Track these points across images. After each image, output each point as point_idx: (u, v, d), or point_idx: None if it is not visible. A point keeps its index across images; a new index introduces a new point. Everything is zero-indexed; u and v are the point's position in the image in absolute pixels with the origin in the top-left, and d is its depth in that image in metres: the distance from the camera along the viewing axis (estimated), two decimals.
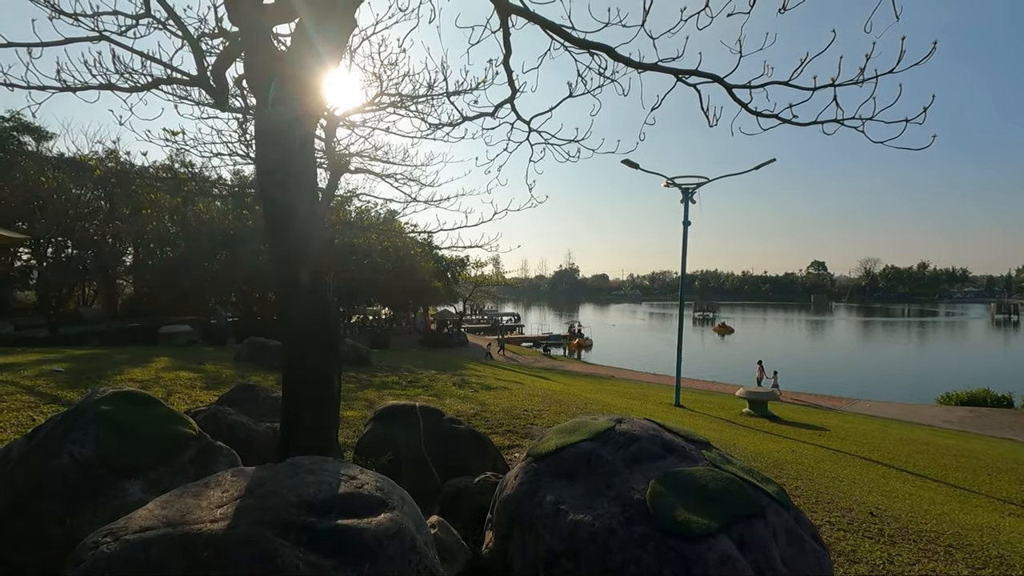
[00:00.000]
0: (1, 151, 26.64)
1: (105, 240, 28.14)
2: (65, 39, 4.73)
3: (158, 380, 8.01)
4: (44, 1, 5.63)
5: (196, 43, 4.94)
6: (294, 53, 3.11)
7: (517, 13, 4.90)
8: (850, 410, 20.51)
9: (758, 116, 5.45)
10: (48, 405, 5.79)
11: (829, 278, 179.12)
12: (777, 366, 25.77)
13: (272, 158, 3.06)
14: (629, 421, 3.06)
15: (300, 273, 3.15)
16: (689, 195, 15.44)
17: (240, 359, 11.54)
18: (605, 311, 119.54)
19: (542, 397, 10.18)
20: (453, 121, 7.58)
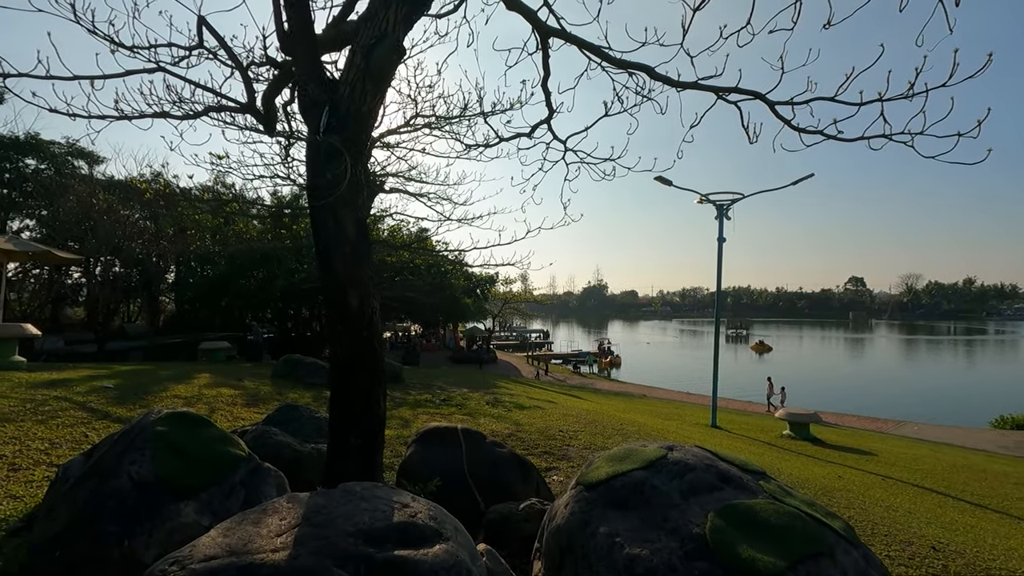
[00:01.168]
0: (58, 175, 28.10)
1: (150, 259, 29.29)
2: (125, 71, 4.97)
3: (201, 397, 8.20)
4: (105, 35, 5.94)
5: (245, 72, 5.12)
6: (345, 81, 3.19)
7: (556, 36, 4.93)
8: (897, 433, 19.63)
9: (802, 132, 5.34)
10: (99, 421, 5.97)
11: (868, 294, 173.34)
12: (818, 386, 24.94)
13: (322, 185, 3.12)
14: (681, 449, 2.97)
15: (349, 297, 3.18)
16: (724, 212, 15.20)
17: (277, 376, 11.75)
18: (635, 328, 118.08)
19: (576, 417, 10.04)
20: (489, 142, 7.66)
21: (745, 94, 5.47)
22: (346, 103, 3.16)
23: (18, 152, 27.86)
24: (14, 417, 5.69)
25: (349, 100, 3.15)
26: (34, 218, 28.87)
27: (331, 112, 3.13)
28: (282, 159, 9.50)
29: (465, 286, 31.78)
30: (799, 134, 5.37)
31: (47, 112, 5.43)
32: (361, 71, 3.13)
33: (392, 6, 3.15)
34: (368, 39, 3.12)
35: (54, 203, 26.57)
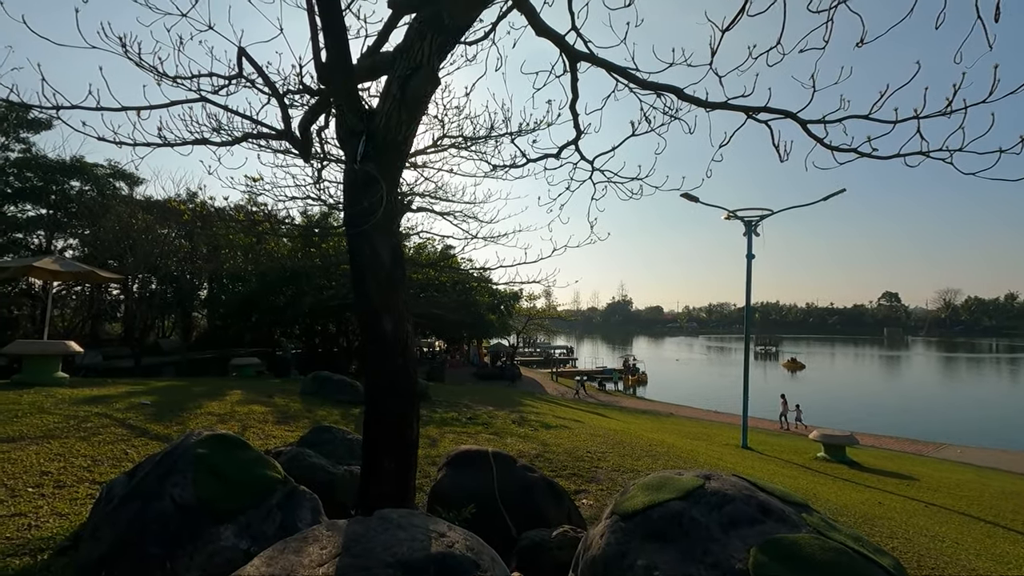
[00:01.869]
0: (100, 196, 29.30)
1: (184, 276, 30.20)
2: (170, 101, 5.18)
3: (234, 414, 8.36)
4: (151, 67, 6.22)
5: (282, 100, 5.29)
6: (381, 111, 3.27)
7: (585, 60, 4.98)
8: (938, 456, 18.84)
9: (835, 151, 5.27)
10: (138, 438, 6.13)
11: (903, 310, 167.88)
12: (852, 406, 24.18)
13: (359, 213, 3.18)
14: (719, 478, 2.91)
15: (383, 322, 3.22)
16: (752, 228, 14.98)
17: (306, 393, 11.91)
18: (660, 344, 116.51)
19: (604, 438, 9.91)
20: (516, 162, 7.73)
21: (776, 113, 5.43)
22: (382, 132, 3.23)
23: (64, 175, 29.16)
24: (59, 433, 5.88)
25: (385, 129, 3.23)
26: (77, 237, 30.07)
27: (368, 141, 3.21)
28: (314, 181, 9.76)
29: (489, 302, 31.87)
30: (832, 152, 5.31)
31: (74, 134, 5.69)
32: (397, 100, 3.20)
33: (427, 37, 3.23)
34: (404, 69, 3.20)
35: (96, 223, 27.67)
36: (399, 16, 3.96)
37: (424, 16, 3.26)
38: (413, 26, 3.28)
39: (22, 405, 7.09)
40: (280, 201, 11.72)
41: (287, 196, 10.28)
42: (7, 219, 27.83)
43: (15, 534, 3.42)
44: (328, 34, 3.28)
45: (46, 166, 28.43)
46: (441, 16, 3.23)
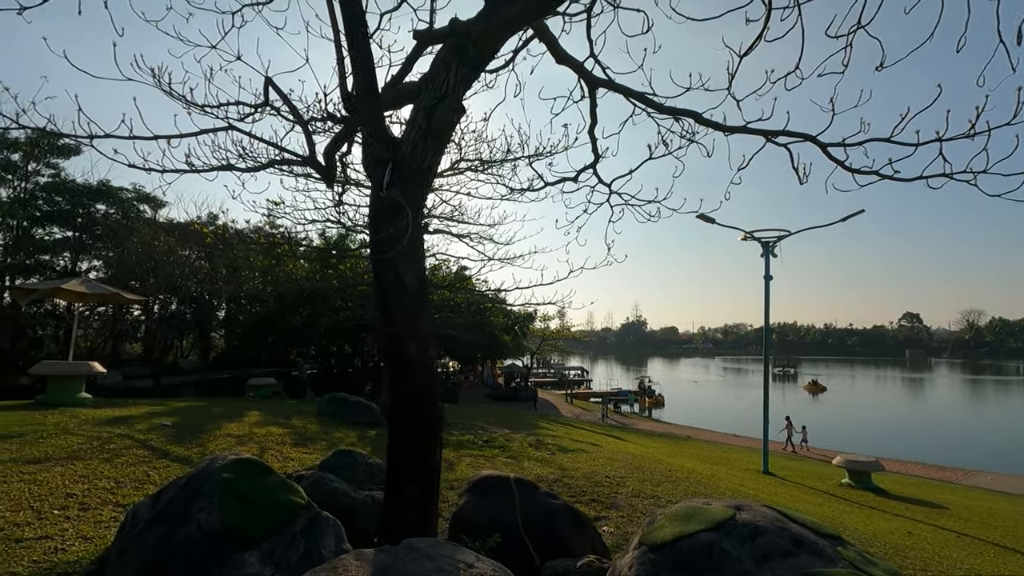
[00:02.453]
0: (124, 219, 30.04)
1: (203, 297, 30.69)
2: (200, 130, 5.34)
3: (252, 436, 8.39)
4: (180, 96, 6.42)
5: (307, 127, 5.42)
6: (407, 139, 3.33)
7: (604, 86, 5.04)
8: (967, 483, 18.22)
9: (856, 173, 5.25)
10: (160, 460, 6.17)
11: (925, 331, 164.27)
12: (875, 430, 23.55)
13: (384, 240, 3.23)
14: (749, 508, 2.84)
15: (407, 347, 3.24)
16: (770, 249, 14.87)
17: (323, 414, 11.93)
18: (675, 365, 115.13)
19: (622, 462, 9.76)
20: (534, 186, 7.81)
21: (795, 136, 5.45)
22: (408, 160, 3.29)
23: (90, 198, 30.00)
24: (82, 455, 5.95)
25: (411, 157, 3.29)
26: (101, 259, 30.79)
27: (394, 169, 3.27)
28: (334, 204, 9.92)
29: (504, 323, 31.84)
30: (853, 175, 5.29)
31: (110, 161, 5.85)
32: (423, 129, 3.27)
33: (452, 68, 3.31)
34: (430, 99, 3.27)
35: (120, 245, 28.33)
36: (423, 47, 4.06)
37: (449, 47, 3.34)
38: (439, 56, 3.36)
39: (47, 426, 7.19)
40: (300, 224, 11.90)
41: (307, 219, 10.45)
42: (35, 241, 28.61)
43: (42, 557, 3.44)
44: (357, 65, 3.37)
45: (74, 190, 29.27)
46: (466, 47, 3.31)
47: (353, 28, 3.34)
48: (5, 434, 6.43)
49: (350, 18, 3.35)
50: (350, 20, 3.34)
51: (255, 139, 5.23)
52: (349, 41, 3.37)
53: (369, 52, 3.46)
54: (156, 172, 6.33)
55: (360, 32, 3.37)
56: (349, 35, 3.35)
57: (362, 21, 3.39)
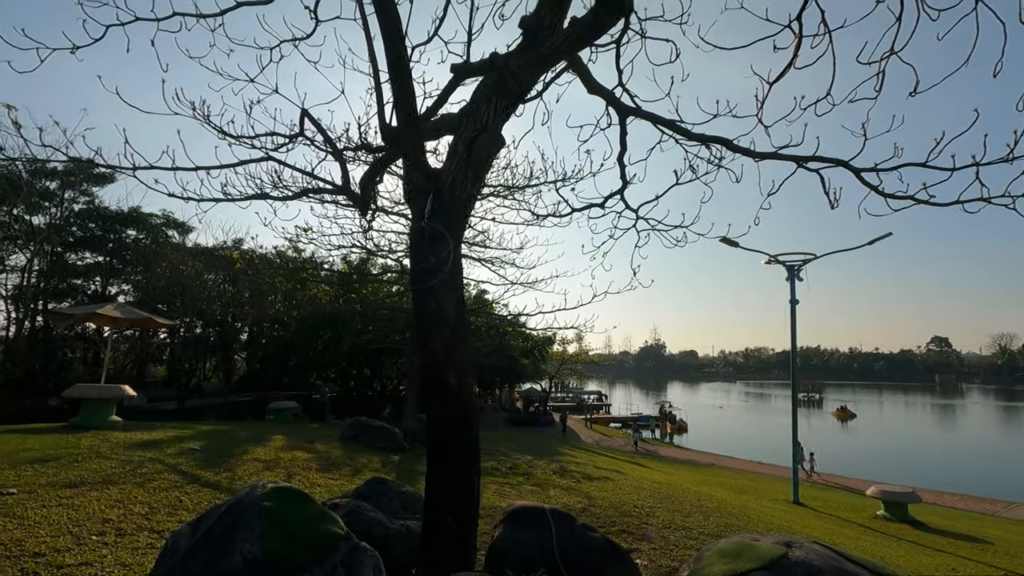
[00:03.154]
0: (153, 244, 30.88)
1: (227, 320, 31.21)
2: (240, 161, 5.50)
3: (278, 461, 8.41)
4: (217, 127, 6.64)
5: (342, 158, 5.55)
6: (447, 170, 3.39)
7: (635, 115, 5.09)
8: (1010, 516, 17.43)
9: (889, 198, 5.20)
10: (191, 485, 6.21)
11: (955, 356, 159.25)
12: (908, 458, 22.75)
13: (426, 269, 3.26)
14: (800, 546, 2.75)
15: (447, 376, 3.24)
16: (795, 272, 14.67)
17: (345, 439, 11.92)
18: (696, 390, 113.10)
19: (650, 491, 9.55)
20: (560, 212, 7.85)
21: (827, 162, 5.44)
22: (448, 190, 3.35)
23: (122, 224, 30.96)
24: (116, 479, 6.02)
25: (451, 187, 3.34)
26: (130, 283, 31.59)
27: (435, 199, 3.32)
28: (363, 231, 10.10)
29: (523, 347, 31.72)
30: (886, 200, 5.24)
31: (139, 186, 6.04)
32: (463, 160, 3.33)
33: (492, 100, 3.38)
34: (470, 131, 3.33)
35: (149, 269, 29.07)
36: (460, 80, 4.16)
37: (488, 80, 3.42)
38: (479, 89, 3.44)
39: (81, 450, 7.30)
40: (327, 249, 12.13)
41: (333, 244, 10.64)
42: (68, 266, 29.49)
43: None
44: (398, 97, 3.46)
45: (107, 217, 30.24)
46: (505, 80, 3.38)
47: (396, 63, 3.45)
48: (42, 457, 6.54)
49: (393, 54, 3.45)
50: (393, 55, 3.45)
51: (294, 169, 5.36)
52: (392, 75, 3.47)
53: (411, 85, 3.56)
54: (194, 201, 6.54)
55: (402, 66, 3.47)
56: (392, 69, 3.45)
57: (404, 57, 3.49)
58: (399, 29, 3.52)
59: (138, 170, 5.77)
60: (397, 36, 3.48)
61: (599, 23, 3.30)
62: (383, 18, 3.45)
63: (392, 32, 3.46)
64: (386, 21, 3.46)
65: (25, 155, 5.39)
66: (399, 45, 3.48)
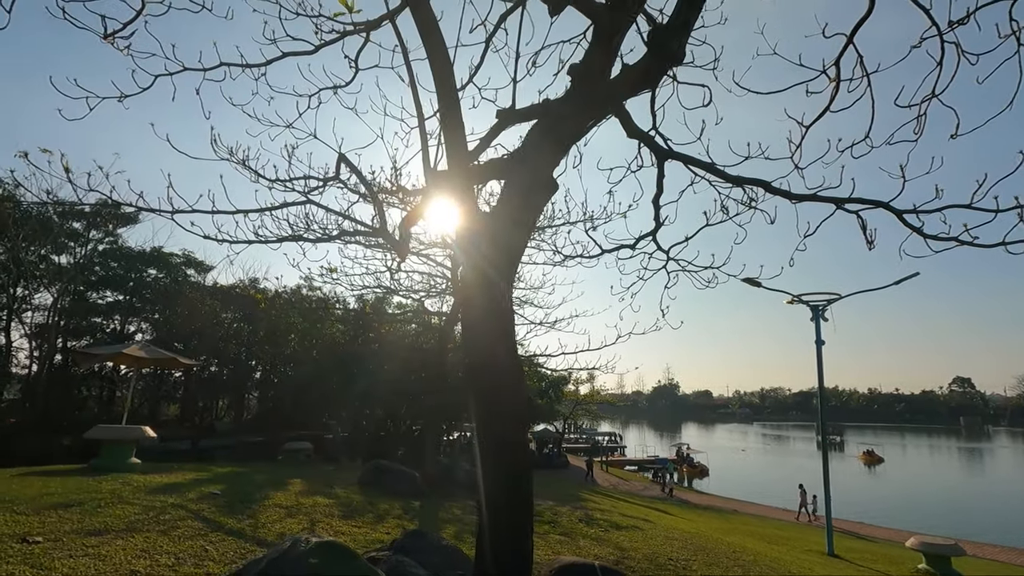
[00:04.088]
0: (173, 283, 31.29)
1: (240, 359, 31.23)
2: (281, 204, 5.56)
3: (299, 507, 8.19)
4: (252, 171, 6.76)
5: (378, 200, 5.60)
6: (499, 214, 3.37)
7: (674, 158, 5.10)
8: None
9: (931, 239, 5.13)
10: (214, 533, 6.02)
11: (980, 397, 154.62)
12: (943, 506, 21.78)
13: (477, 313, 3.20)
14: None
15: (500, 426, 3.13)
16: (820, 313, 14.45)
17: (364, 483, 11.63)
18: (711, 431, 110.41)
19: (681, 541, 9.15)
20: (589, 252, 7.81)
21: (867, 204, 5.40)
22: (499, 235, 3.31)
23: (143, 263, 31.49)
24: (140, 527, 5.86)
25: (503, 232, 3.31)
26: (149, 322, 31.86)
27: (486, 243, 3.28)
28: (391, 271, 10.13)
29: (538, 387, 31.30)
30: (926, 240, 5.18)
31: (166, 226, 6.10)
32: (517, 206, 3.31)
33: (544, 146, 3.38)
34: (524, 177, 3.33)
35: (167, 308, 29.38)
36: (504, 125, 4.20)
37: (540, 126, 3.44)
38: (530, 135, 3.45)
39: (103, 494, 7.16)
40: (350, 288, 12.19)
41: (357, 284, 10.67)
42: (89, 305, 29.88)
43: None
44: (450, 142, 3.48)
45: (129, 256, 30.80)
46: (557, 127, 3.39)
47: (448, 111, 3.49)
48: (66, 502, 6.41)
49: (446, 100, 3.50)
50: (445, 102, 3.49)
51: (334, 214, 5.38)
52: (443, 122, 3.51)
53: (463, 132, 3.59)
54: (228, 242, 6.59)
55: (455, 114, 3.52)
56: (443, 117, 3.50)
57: (457, 104, 3.54)
58: (451, 77, 3.58)
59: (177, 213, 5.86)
60: (450, 84, 3.55)
61: (652, 71, 3.33)
62: (437, 68, 3.52)
63: (445, 80, 3.52)
64: (440, 71, 3.52)
65: (73, 199, 5.48)
66: (451, 93, 3.53)
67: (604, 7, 3.47)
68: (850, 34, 4.69)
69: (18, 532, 5.12)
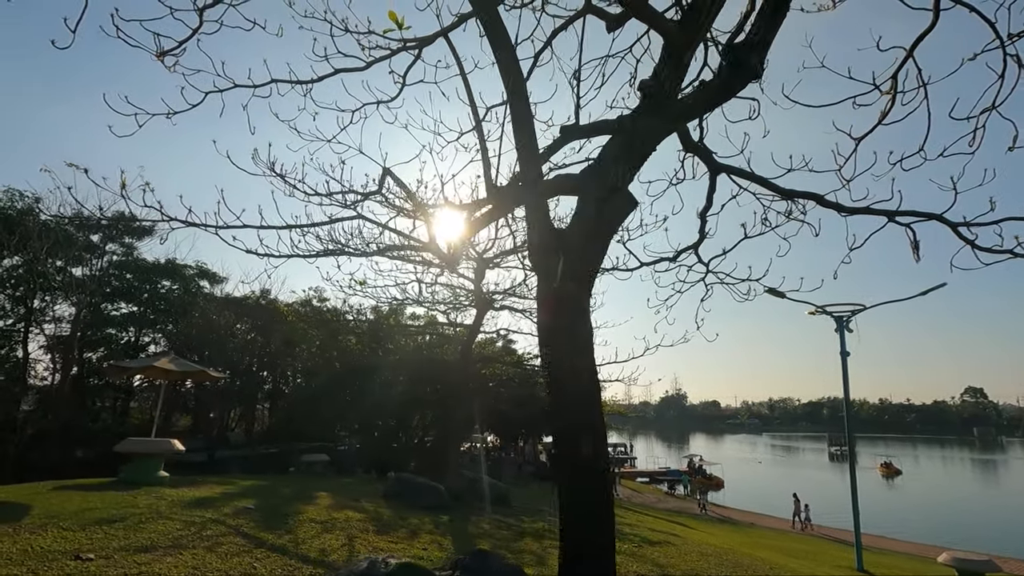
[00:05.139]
0: (186, 294, 31.43)
1: (251, 369, 31.23)
2: (331, 219, 5.57)
3: (334, 522, 8.13)
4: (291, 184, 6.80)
5: (427, 214, 5.60)
6: (574, 230, 3.35)
7: (726, 172, 5.09)
8: None
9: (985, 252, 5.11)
10: (258, 549, 5.98)
11: (993, 407, 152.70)
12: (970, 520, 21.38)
13: (558, 329, 3.18)
14: None
15: (582, 444, 3.10)
16: (844, 324, 14.33)
17: (389, 496, 11.55)
18: (720, 442, 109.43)
19: (716, 557, 9.02)
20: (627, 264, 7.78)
21: (920, 216, 5.38)
22: (576, 251, 3.30)
23: (157, 275, 31.64)
24: (185, 543, 5.82)
25: (581, 248, 3.29)
26: (162, 333, 31.96)
27: (564, 260, 3.27)
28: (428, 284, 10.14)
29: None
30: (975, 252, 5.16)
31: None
32: (594, 222, 3.29)
33: (621, 162, 3.37)
34: (602, 192, 3.31)
35: (181, 319, 29.48)
36: (566, 141, 4.20)
37: (617, 142, 3.43)
38: (607, 151, 3.44)
39: (140, 509, 7.13)
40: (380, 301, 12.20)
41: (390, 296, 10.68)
42: (103, 317, 30.02)
43: None
44: (523, 156, 3.48)
45: (144, 268, 30.98)
46: (633, 143, 3.39)
47: (520, 122, 3.49)
48: (108, 518, 6.38)
49: (518, 114, 3.51)
50: (518, 116, 3.50)
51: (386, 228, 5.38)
52: (517, 136, 3.51)
53: (536, 145, 3.59)
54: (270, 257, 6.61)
55: (526, 127, 3.52)
56: (517, 129, 3.50)
57: (528, 116, 3.54)
58: (524, 89, 3.59)
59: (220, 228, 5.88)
60: (523, 97, 3.55)
61: (730, 86, 3.33)
62: (511, 81, 3.53)
63: (518, 93, 3.53)
64: (513, 84, 3.53)
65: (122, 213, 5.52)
66: (524, 106, 3.54)
67: (675, 24, 3.47)
68: (910, 48, 4.69)
69: (69, 549, 5.09)
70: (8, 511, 6.38)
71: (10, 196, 24.56)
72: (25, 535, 5.36)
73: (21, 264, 25.00)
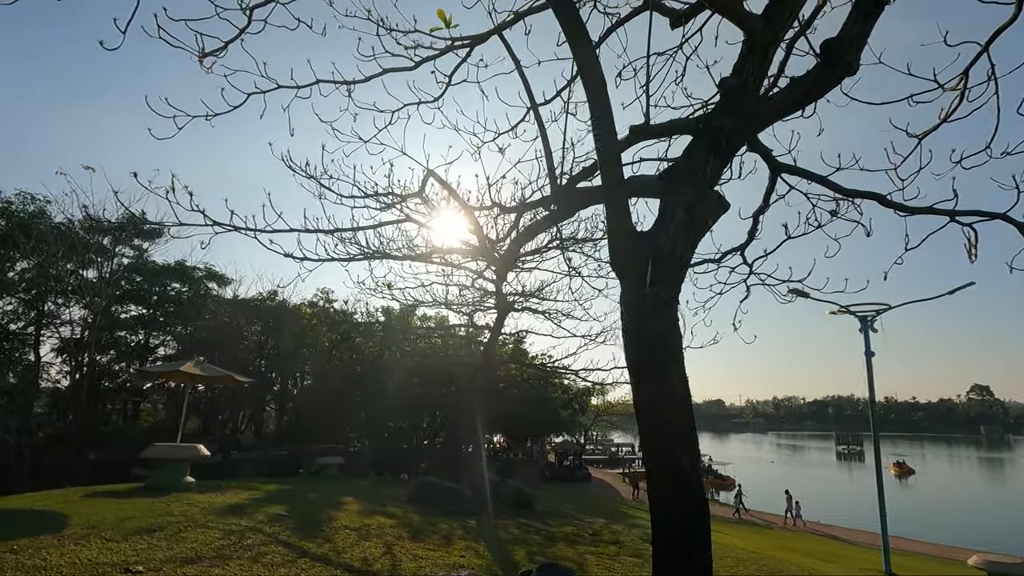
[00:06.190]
0: (195, 296, 31.37)
1: (259, 371, 31.16)
2: (378, 223, 5.45)
3: (367, 528, 8.01)
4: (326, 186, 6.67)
5: (475, 218, 5.48)
6: (662, 234, 3.22)
7: (788, 171, 4.95)
8: None
9: None
10: (302, 559, 5.87)
11: (999, 405, 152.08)
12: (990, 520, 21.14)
13: (650, 338, 3.05)
14: None
15: (679, 457, 2.97)
16: (869, 324, 14.17)
17: (414, 500, 11.45)
18: (726, 441, 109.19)
19: (752, 562, 8.90)
20: None
21: (983, 216, 5.22)
22: (667, 256, 3.17)
23: (167, 277, 31.57)
24: (229, 553, 5.71)
25: (671, 253, 3.16)
26: (171, 335, 31.89)
27: (654, 265, 3.14)
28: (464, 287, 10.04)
29: (563, 399, 30.98)
30: None
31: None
32: (683, 224, 3.17)
33: (708, 163, 3.25)
34: (690, 195, 3.19)
35: (190, 321, 29.42)
36: (635, 141, 4.07)
37: (703, 142, 3.30)
38: (694, 152, 3.32)
39: (176, 517, 7.03)
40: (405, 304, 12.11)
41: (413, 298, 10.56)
42: (113, 319, 29.96)
43: None
44: (603, 158, 3.36)
45: (153, 270, 30.92)
46: (720, 142, 3.26)
47: (601, 121, 3.37)
48: (146, 527, 6.27)
49: (599, 112, 3.38)
50: (599, 113, 3.37)
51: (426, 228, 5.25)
52: (596, 136, 3.38)
53: (617, 145, 3.46)
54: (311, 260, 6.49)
55: (607, 125, 3.39)
56: (597, 128, 3.37)
57: (609, 114, 3.41)
58: (603, 87, 3.46)
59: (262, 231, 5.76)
60: (603, 94, 3.42)
61: (822, 82, 3.20)
62: (591, 77, 3.40)
63: (598, 90, 3.40)
64: (593, 79, 3.40)
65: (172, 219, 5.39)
66: (604, 103, 3.41)
67: (759, 18, 3.34)
68: (985, 43, 4.53)
69: (117, 561, 4.98)
70: (47, 521, 6.27)
71: (22, 199, 24.48)
72: (70, 546, 5.25)
73: (33, 267, 24.94)
